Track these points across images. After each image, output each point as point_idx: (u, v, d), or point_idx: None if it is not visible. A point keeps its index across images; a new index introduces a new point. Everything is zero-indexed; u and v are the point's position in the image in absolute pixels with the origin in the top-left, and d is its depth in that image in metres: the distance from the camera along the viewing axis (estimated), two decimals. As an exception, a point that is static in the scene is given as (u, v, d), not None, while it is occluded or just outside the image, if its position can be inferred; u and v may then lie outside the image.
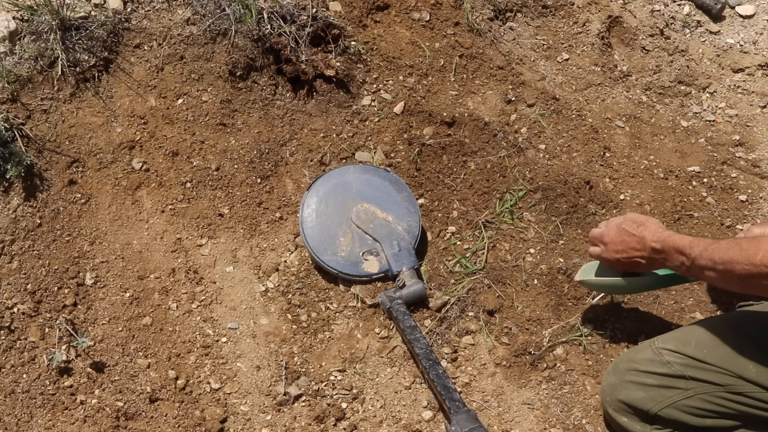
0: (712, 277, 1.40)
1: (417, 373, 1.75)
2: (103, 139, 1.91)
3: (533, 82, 2.17)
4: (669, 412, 1.51)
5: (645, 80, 2.27)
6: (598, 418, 1.71)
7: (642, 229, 1.55)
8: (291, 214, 1.93)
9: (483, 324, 1.80)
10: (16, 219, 1.78)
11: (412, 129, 2.04)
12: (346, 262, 1.82)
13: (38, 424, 1.62)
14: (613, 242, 1.60)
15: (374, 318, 1.81)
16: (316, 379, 1.73)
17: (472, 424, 1.55)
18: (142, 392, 1.68)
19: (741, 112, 2.25)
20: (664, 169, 2.09)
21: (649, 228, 1.54)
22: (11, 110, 1.83)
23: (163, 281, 1.82)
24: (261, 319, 1.80)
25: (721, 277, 1.37)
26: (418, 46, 2.15)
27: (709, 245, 1.40)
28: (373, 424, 1.69)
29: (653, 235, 1.53)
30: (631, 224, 1.57)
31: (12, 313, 1.70)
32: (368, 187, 1.91)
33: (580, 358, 1.78)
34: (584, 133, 2.11)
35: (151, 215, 1.89)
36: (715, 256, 1.37)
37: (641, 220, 1.57)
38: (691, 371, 1.50)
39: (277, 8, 2.02)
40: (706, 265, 1.39)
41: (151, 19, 2.00)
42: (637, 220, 1.58)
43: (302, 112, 2.04)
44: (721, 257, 1.35)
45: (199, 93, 1.99)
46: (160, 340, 1.75)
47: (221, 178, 1.94)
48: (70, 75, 1.90)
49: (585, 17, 2.32)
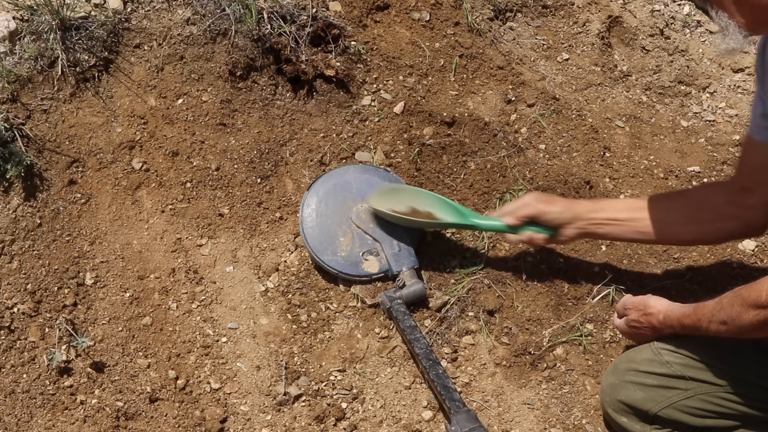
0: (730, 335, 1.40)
1: (417, 373, 1.75)
2: (103, 139, 1.91)
3: (533, 82, 2.17)
4: (668, 412, 1.51)
5: (645, 80, 2.27)
6: (598, 418, 1.71)
7: (649, 318, 1.58)
8: (291, 214, 1.93)
9: (483, 324, 1.80)
10: (16, 219, 1.78)
11: (412, 129, 2.04)
12: (346, 262, 1.82)
13: (38, 424, 1.62)
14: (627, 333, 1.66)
15: (374, 318, 1.81)
16: (316, 379, 1.73)
17: (472, 424, 1.55)
18: (142, 392, 1.68)
19: (741, 112, 2.25)
20: (664, 169, 2.09)
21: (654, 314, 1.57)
22: (11, 110, 1.83)
23: (163, 281, 1.82)
24: (261, 319, 1.80)
25: (737, 332, 1.37)
26: (418, 46, 2.15)
27: (714, 309, 1.41)
28: (373, 424, 1.69)
29: (661, 324, 1.55)
30: (635, 315, 1.61)
31: (12, 313, 1.70)
32: (368, 187, 1.91)
33: (580, 358, 1.78)
34: (584, 133, 2.11)
35: (151, 215, 1.89)
36: (722, 316, 1.38)
37: (641, 306, 1.60)
38: (690, 371, 1.50)
39: (277, 8, 2.02)
40: (719, 329, 1.40)
41: (151, 19, 2.00)
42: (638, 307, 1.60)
43: (302, 112, 2.04)
44: (728, 315, 1.36)
45: (199, 93, 1.99)
46: (160, 340, 1.75)
47: (221, 178, 1.94)
48: (70, 75, 1.90)
49: (585, 17, 2.32)
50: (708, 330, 1.43)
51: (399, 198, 1.84)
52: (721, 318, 1.38)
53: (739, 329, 1.35)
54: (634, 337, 1.66)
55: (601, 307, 1.84)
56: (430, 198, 1.83)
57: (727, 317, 1.36)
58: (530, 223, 1.71)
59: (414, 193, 1.86)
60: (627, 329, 1.65)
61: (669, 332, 1.55)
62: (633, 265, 1.90)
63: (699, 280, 1.90)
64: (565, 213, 1.67)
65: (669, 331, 1.55)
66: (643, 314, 1.59)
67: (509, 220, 1.73)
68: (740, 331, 1.35)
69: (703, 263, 1.93)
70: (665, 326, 1.54)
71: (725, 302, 1.38)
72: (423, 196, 1.84)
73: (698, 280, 1.90)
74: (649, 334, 1.60)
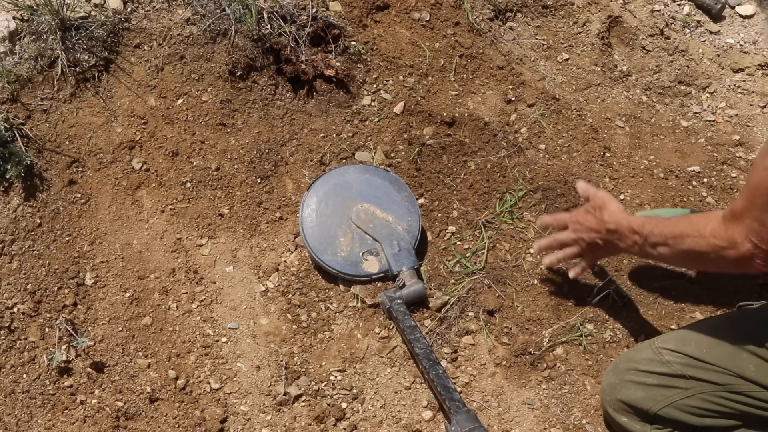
0: (663, 254, 1.40)
1: (417, 373, 1.75)
2: (103, 139, 1.91)
3: (533, 82, 2.17)
4: (669, 411, 1.51)
5: (645, 80, 2.27)
6: (598, 418, 1.71)
7: (602, 210, 1.56)
8: (291, 214, 1.93)
9: (483, 324, 1.80)
10: (16, 219, 1.78)
11: (412, 129, 2.04)
12: (346, 262, 1.82)
13: (38, 424, 1.62)
14: (577, 221, 1.62)
15: (374, 318, 1.81)
16: (316, 379, 1.73)
17: (472, 424, 1.55)
18: (142, 392, 1.68)
19: (741, 112, 2.25)
20: (664, 169, 2.09)
21: (608, 209, 1.55)
22: (11, 110, 1.83)
23: (163, 281, 1.82)
24: (261, 319, 1.80)
25: (672, 253, 1.37)
26: (418, 46, 2.15)
27: (661, 221, 1.40)
28: (373, 424, 1.69)
29: (611, 216, 1.54)
30: (593, 203, 1.59)
31: (12, 313, 1.70)
32: (368, 187, 1.91)
33: (580, 358, 1.78)
34: (584, 133, 2.11)
35: (151, 215, 1.89)
36: (666, 231, 1.37)
37: (604, 201, 1.58)
38: (691, 371, 1.50)
39: (277, 8, 2.02)
40: (658, 241, 1.39)
41: (151, 19, 2.00)
42: (601, 200, 1.59)
43: (302, 112, 2.04)
44: (671, 231, 1.36)
45: (199, 93, 1.99)
46: (160, 340, 1.75)
47: (221, 178, 1.94)
48: (70, 75, 1.91)
49: (585, 17, 2.32)
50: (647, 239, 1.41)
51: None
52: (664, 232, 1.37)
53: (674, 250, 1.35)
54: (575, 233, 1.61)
55: (601, 307, 1.84)
56: None
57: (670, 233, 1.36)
58: None
59: None
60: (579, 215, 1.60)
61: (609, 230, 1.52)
62: (633, 265, 1.90)
63: (699, 280, 1.90)
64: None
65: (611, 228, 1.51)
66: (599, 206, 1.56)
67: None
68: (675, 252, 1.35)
69: (703, 263, 1.93)
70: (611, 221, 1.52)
71: (673, 220, 1.38)
72: None
73: (698, 280, 1.90)
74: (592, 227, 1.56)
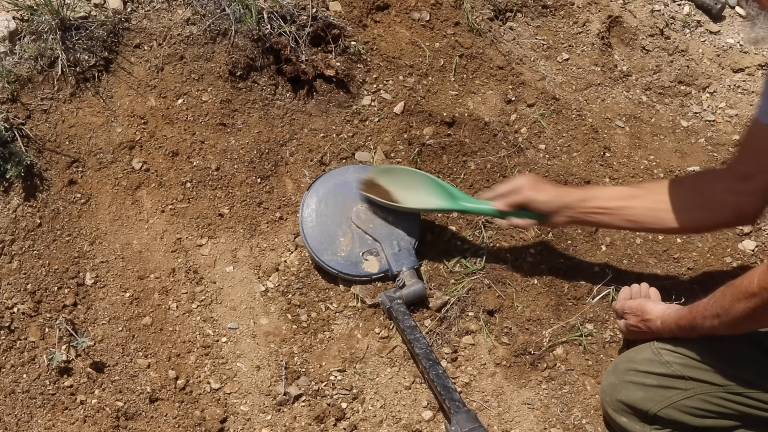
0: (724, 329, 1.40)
1: (417, 373, 1.75)
2: (103, 139, 1.91)
3: (533, 82, 2.17)
4: (668, 412, 1.51)
5: (645, 80, 2.27)
6: (598, 418, 1.71)
7: (648, 324, 1.59)
8: (291, 214, 1.93)
9: (483, 324, 1.80)
10: (16, 219, 1.78)
11: (412, 129, 2.04)
12: (346, 262, 1.82)
13: (38, 424, 1.62)
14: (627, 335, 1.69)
15: (374, 318, 1.81)
16: (316, 379, 1.73)
17: (472, 424, 1.55)
18: (142, 392, 1.68)
19: (741, 112, 2.25)
20: (664, 169, 2.09)
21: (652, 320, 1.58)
22: (11, 110, 1.83)
23: (163, 281, 1.82)
24: (261, 319, 1.81)
25: (730, 323, 1.36)
26: (418, 46, 2.15)
27: (707, 304, 1.41)
28: (373, 424, 1.69)
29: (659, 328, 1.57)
30: (634, 320, 1.63)
31: (12, 313, 1.70)
32: (368, 187, 1.91)
33: (580, 358, 1.78)
34: (584, 133, 2.11)
35: (151, 215, 1.89)
36: (716, 309, 1.38)
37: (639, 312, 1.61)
38: (690, 371, 1.50)
39: (277, 8, 2.02)
40: (714, 324, 1.40)
41: (151, 19, 2.00)
42: (635, 312, 1.62)
43: (302, 112, 2.04)
44: (721, 306, 1.36)
45: (199, 93, 1.99)
46: (160, 340, 1.75)
47: (221, 178, 1.94)
48: (70, 75, 1.90)
49: (585, 17, 2.32)
50: (703, 327, 1.43)
51: (391, 180, 1.83)
52: (715, 311, 1.37)
53: (732, 320, 1.34)
54: (637, 338, 1.67)
55: (601, 307, 1.84)
56: (421, 179, 1.82)
57: (720, 309, 1.36)
58: (520, 209, 1.71)
59: (406, 174, 1.85)
60: (628, 332, 1.67)
61: (668, 335, 1.55)
62: (633, 265, 1.90)
63: (699, 280, 1.90)
64: (554, 202, 1.66)
65: (667, 335, 1.55)
66: (641, 320, 1.60)
67: (499, 205, 1.72)
68: (733, 322, 1.35)
69: (703, 263, 1.93)
70: (663, 330, 1.55)
71: (717, 295, 1.38)
72: (415, 178, 1.83)
73: (698, 280, 1.90)
74: (649, 337, 1.61)
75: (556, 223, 1.70)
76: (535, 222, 1.71)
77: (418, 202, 1.80)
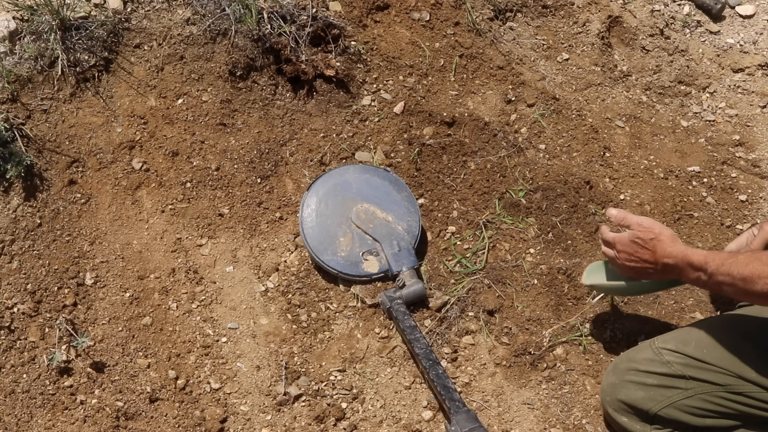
0: (731, 292, 1.37)
1: (417, 373, 1.75)
2: (103, 139, 1.91)
3: (533, 82, 2.17)
4: (669, 411, 1.51)
5: (645, 80, 2.27)
6: (598, 418, 1.71)
7: (654, 243, 1.49)
8: (291, 214, 1.93)
9: (483, 324, 1.80)
10: (16, 219, 1.78)
11: (412, 129, 2.04)
12: (346, 262, 1.82)
13: (38, 424, 1.62)
14: (624, 251, 1.54)
15: (374, 318, 1.81)
16: (316, 379, 1.73)
17: (472, 424, 1.55)
18: (142, 392, 1.68)
19: (741, 112, 2.25)
20: (664, 169, 2.09)
21: (662, 241, 1.48)
22: (11, 110, 1.83)
23: (163, 281, 1.82)
24: (261, 319, 1.80)
25: (742, 292, 1.34)
26: (418, 46, 2.15)
27: (726, 259, 1.36)
28: (373, 424, 1.69)
29: (665, 250, 1.48)
30: (643, 235, 1.50)
31: (12, 313, 1.70)
32: (368, 187, 1.91)
33: (580, 358, 1.78)
34: (584, 133, 2.11)
35: (151, 215, 1.89)
36: (733, 270, 1.34)
37: (654, 232, 1.50)
38: (691, 371, 1.50)
39: (277, 8, 2.02)
40: (725, 281, 1.36)
41: (151, 19, 2.00)
42: (650, 231, 1.50)
43: (302, 112, 2.04)
44: (740, 272, 1.32)
45: (199, 93, 1.99)
46: (160, 340, 1.75)
47: (221, 178, 1.94)
48: (70, 75, 1.91)
49: (585, 17, 2.32)
50: (712, 277, 1.37)
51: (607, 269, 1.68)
52: (731, 272, 1.33)
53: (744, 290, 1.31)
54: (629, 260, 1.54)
55: (601, 307, 1.84)
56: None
57: (738, 274, 1.31)
58: None
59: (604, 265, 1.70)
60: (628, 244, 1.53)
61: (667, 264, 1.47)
62: (633, 265, 1.90)
63: (699, 280, 1.89)
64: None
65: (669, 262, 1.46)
66: (654, 237, 1.49)
67: None
68: (745, 291, 1.31)
69: (703, 263, 1.92)
70: (669, 256, 1.46)
71: (741, 259, 1.33)
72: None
73: (698, 280, 1.90)
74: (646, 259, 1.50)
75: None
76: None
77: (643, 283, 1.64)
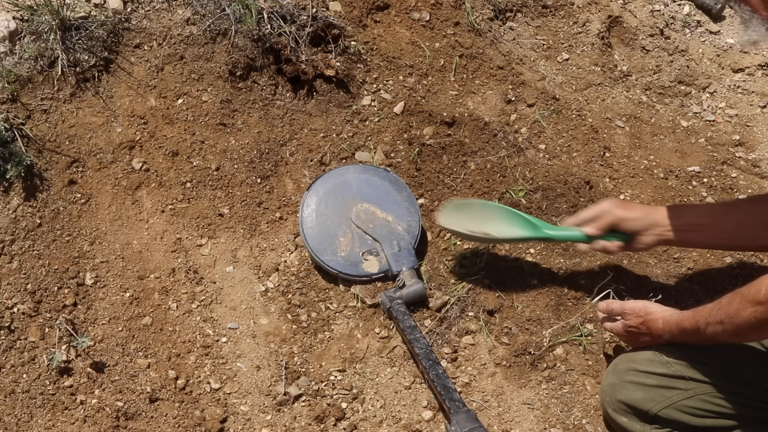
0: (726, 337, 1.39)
1: (417, 373, 1.75)
2: (103, 139, 1.91)
3: (533, 82, 2.17)
4: (668, 412, 1.51)
5: (645, 80, 2.27)
6: (598, 418, 1.71)
7: (647, 324, 1.56)
8: (291, 214, 1.93)
9: (483, 324, 1.80)
10: (16, 219, 1.78)
11: (412, 129, 2.04)
12: (346, 262, 1.82)
13: (38, 424, 1.62)
14: (625, 338, 1.65)
15: (374, 318, 1.81)
16: (316, 379, 1.73)
17: (472, 424, 1.55)
18: (142, 392, 1.68)
19: (741, 112, 2.25)
20: (664, 169, 2.09)
21: (653, 320, 1.55)
22: (11, 110, 1.83)
23: (163, 281, 1.82)
24: (261, 319, 1.80)
25: (734, 331, 1.35)
26: (418, 46, 2.15)
27: (712, 310, 1.39)
28: (373, 424, 1.69)
29: (659, 329, 1.54)
30: (633, 322, 1.59)
31: (12, 313, 1.70)
32: (368, 187, 1.91)
33: (580, 358, 1.78)
34: (584, 133, 2.11)
35: (151, 215, 1.89)
36: (720, 315, 1.36)
37: (641, 315, 1.57)
38: (690, 371, 1.50)
39: (277, 8, 2.02)
40: (717, 330, 1.38)
41: (151, 19, 2.00)
42: (638, 315, 1.58)
43: (302, 112, 2.04)
44: (726, 313, 1.34)
45: (199, 93, 1.99)
46: (160, 340, 1.75)
47: (221, 178, 1.94)
48: (70, 75, 1.91)
49: (585, 17, 2.32)
50: (706, 332, 1.42)
51: (468, 214, 1.79)
52: (719, 317, 1.37)
53: (737, 328, 1.34)
54: (632, 342, 1.64)
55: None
56: (499, 211, 1.78)
57: (725, 316, 1.35)
58: (610, 231, 1.67)
59: (482, 206, 1.81)
60: (624, 333, 1.63)
61: (667, 338, 1.54)
62: (633, 265, 1.90)
63: (699, 280, 1.90)
64: (644, 219, 1.62)
65: (667, 337, 1.54)
66: (643, 320, 1.57)
67: (590, 230, 1.67)
68: (738, 330, 1.34)
69: (703, 263, 1.93)
70: (664, 332, 1.53)
71: (724, 302, 1.37)
72: (492, 210, 1.79)
73: (698, 280, 1.90)
74: (646, 340, 1.59)
75: (645, 244, 1.65)
76: (621, 245, 1.67)
77: (501, 231, 1.75)
